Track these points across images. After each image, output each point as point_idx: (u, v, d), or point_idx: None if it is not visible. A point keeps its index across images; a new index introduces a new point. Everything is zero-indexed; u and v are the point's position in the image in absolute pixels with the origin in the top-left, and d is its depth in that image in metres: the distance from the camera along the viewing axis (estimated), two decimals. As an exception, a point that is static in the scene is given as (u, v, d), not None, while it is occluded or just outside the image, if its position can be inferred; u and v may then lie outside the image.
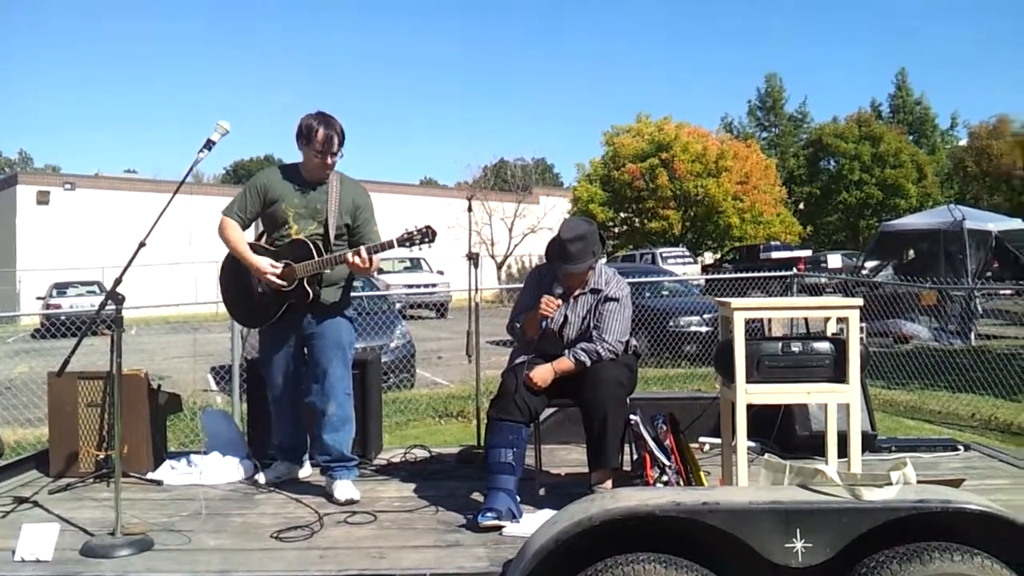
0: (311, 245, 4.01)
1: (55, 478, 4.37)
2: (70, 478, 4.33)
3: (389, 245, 3.97)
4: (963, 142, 42.36)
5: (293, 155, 4.20)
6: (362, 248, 3.94)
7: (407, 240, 3.93)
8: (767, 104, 46.20)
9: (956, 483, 3.46)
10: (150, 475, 4.34)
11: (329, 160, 4.03)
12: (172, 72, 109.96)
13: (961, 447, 4.77)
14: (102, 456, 4.36)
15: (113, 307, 3.42)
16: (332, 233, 4.06)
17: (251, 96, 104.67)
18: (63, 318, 9.26)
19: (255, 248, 4.10)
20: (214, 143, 3.69)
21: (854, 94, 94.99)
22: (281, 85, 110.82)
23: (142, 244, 3.45)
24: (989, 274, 13.31)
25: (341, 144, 4.04)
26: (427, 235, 3.92)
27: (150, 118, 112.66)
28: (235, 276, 4.19)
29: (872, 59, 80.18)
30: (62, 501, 3.99)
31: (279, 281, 3.98)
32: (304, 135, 4.01)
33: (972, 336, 11.11)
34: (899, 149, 38.25)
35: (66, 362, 3.78)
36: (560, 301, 3.94)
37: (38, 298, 23.28)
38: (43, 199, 29.91)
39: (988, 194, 37.36)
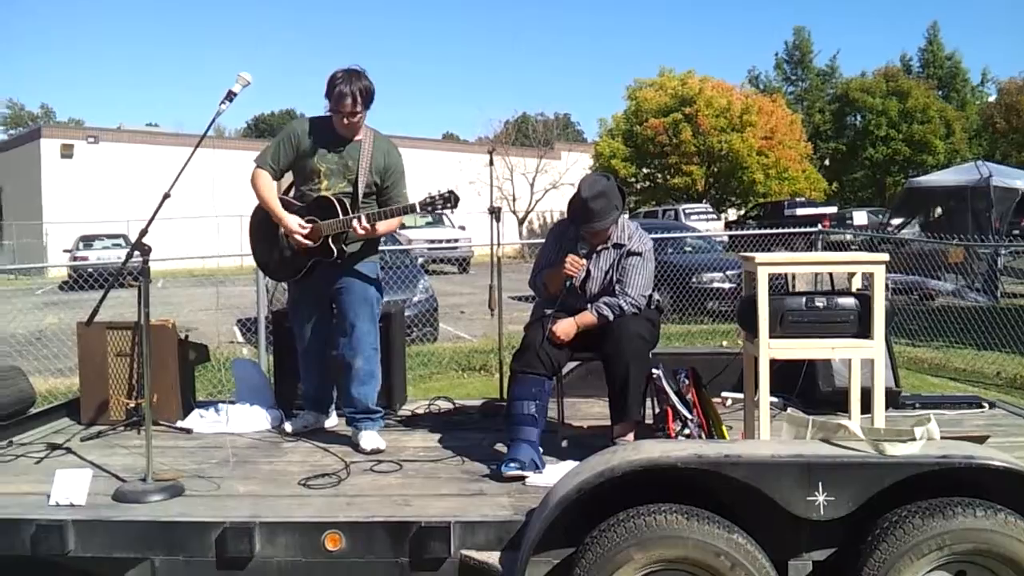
0: (336, 203, 4.00)
1: (86, 426, 4.46)
2: (101, 426, 4.41)
3: (411, 209, 3.98)
4: (992, 98, 41.50)
5: (313, 109, 4.20)
6: (362, 215, 3.93)
7: (429, 205, 3.92)
8: (795, 58, 45.33)
9: (980, 440, 3.45)
10: (179, 423, 4.42)
11: (346, 121, 3.96)
12: (194, 25, 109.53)
13: (986, 404, 4.74)
14: (132, 404, 4.44)
15: (140, 258, 3.45)
16: (361, 191, 4.05)
17: (273, 50, 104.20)
18: (90, 270, 9.38)
19: (285, 204, 4.10)
20: (235, 94, 3.66)
21: (886, 48, 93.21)
22: (303, 39, 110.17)
23: (166, 195, 3.46)
24: (1017, 232, 13.13)
25: (362, 103, 3.93)
26: (449, 199, 3.91)
27: (172, 71, 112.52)
28: (264, 230, 4.20)
29: (905, 12, 78.37)
30: (94, 448, 4.07)
31: (305, 241, 3.99)
32: (327, 91, 3.96)
33: (999, 293, 11.00)
34: (927, 105, 37.55)
35: (95, 312, 3.83)
36: (585, 261, 3.94)
37: (65, 251, 23.54)
38: (67, 152, 30.08)
39: (1017, 150, 36.68)
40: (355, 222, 3.93)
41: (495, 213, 5.26)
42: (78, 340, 4.60)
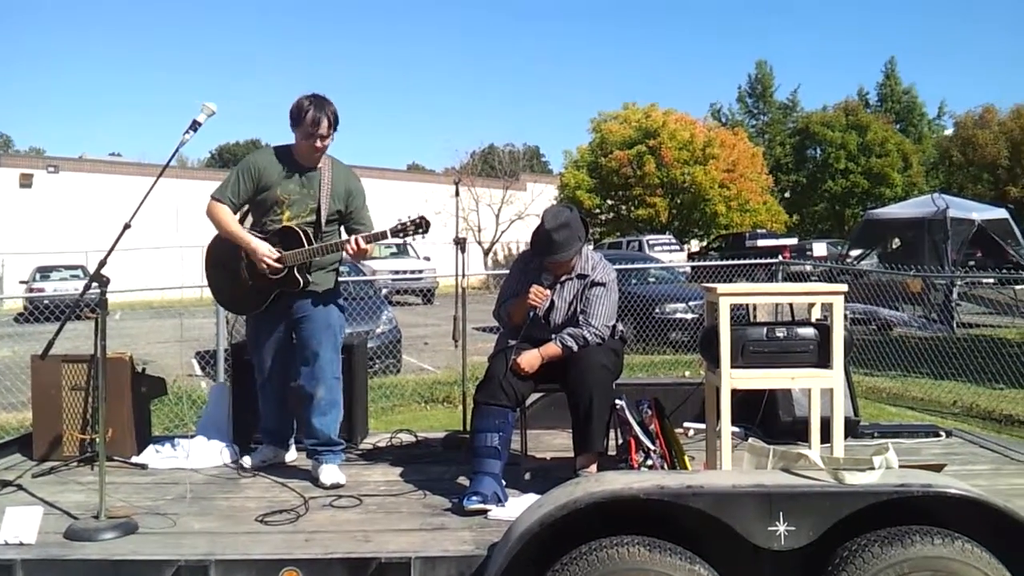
0: (301, 233, 3.98)
1: (39, 461, 4.35)
2: (54, 461, 4.31)
3: (383, 236, 3.95)
4: (949, 131, 42.54)
5: (278, 139, 4.18)
6: (359, 237, 3.92)
7: (400, 231, 3.91)
8: (756, 91, 46.19)
9: (937, 468, 3.50)
10: (134, 459, 4.33)
11: (319, 143, 3.97)
12: (158, 54, 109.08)
13: (943, 433, 4.81)
14: (86, 439, 4.34)
15: (98, 289, 3.40)
16: (323, 219, 4.03)
17: (237, 80, 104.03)
18: (47, 302, 9.22)
19: None
20: (200, 124, 3.65)
21: (846, 82, 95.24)
22: (267, 69, 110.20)
23: (127, 226, 3.43)
24: (972, 263, 13.40)
25: (332, 127, 3.98)
26: (420, 225, 3.90)
27: (135, 101, 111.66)
28: (222, 263, 4.15)
29: (863, 48, 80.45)
30: (46, 484, 3.97)
31: (275, 265, 3.95)
32: (294, 117, 3.96)
33: (954, 324, 11.20)
34: (885, 138, 38.39)
35: (50, 344, 3.75)
36: (549, 291, 3.95)
37: (21, 282, 23.10)
38: (26, 182, 29.63)
39: (972, 183, 37.59)
40: (349, 247, 3.90)
41: (460, 244, 5.26)
42: (32, 373, 4.50)
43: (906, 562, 2.62)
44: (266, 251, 3.95)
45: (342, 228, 4.19)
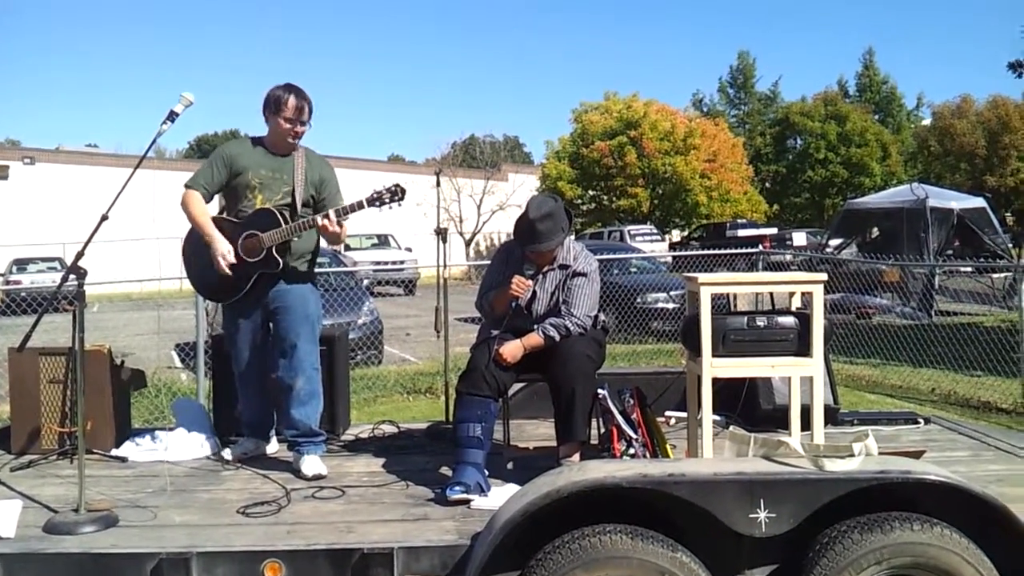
0: (277, 214, 3.96)
1: (17, 455, 4.30)
2: (32, 455, 4.26)
3: (359, 206, 3.93)
4: (927, 121, 42.83)
5: (257, 130, 4.17)
6: (330, 211, 3.91)
7: (376, 200, 3.90)
8: (738, 81, 46.29)
9: (917, 455, 3.53)
10: (114, 451, 4.29)
11: (299, 128, 4.00)
12: (135, 45, 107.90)
13: (922, 420, 4.85)
14: (65, 432, 4.30)
15: (75, 281, 3.36)
16: (299, 203, 4.03)
17: (215, 70, 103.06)
18: (23, 294, 9.11)
19: (220, 222, 4.04)
20: (177, 114, 3.64)
21: (825, 73, 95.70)
22: (245, 59, 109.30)
23: (104, 217, 3.40)
24: (950, 252, 13.51)
25: (311, 114, 4.01)
26: (396, 193, 3.90)
27: (112, 92, 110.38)
28: (200, 251, 4.11)
29: (843, 37, 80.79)
30: (24, 478, 3.93)
31: (226, 270, 3.93)
32: (273, 105, 3.97)
33: (933, 312, 11.30)
34: (864, 128, 38.60)
35: (27, 337, 3.71)
36: (531, 282, 3.95)
37: (-3, 275, 22.85)
38: (2, 174, 29.31)
39: (950, 173, 37.90)
40: (320, 218, 3.88)
41: (442, 234, 5.25)
42: (9, 367, 4.44)
43: (886, 548, 2.65)
44: (224, 251, 3.93)
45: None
